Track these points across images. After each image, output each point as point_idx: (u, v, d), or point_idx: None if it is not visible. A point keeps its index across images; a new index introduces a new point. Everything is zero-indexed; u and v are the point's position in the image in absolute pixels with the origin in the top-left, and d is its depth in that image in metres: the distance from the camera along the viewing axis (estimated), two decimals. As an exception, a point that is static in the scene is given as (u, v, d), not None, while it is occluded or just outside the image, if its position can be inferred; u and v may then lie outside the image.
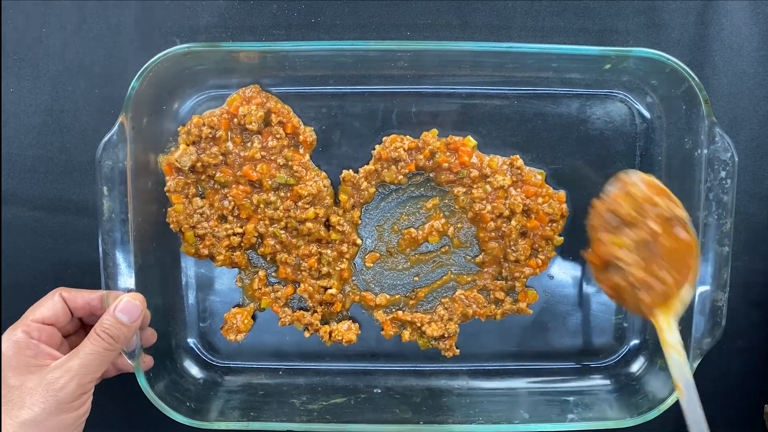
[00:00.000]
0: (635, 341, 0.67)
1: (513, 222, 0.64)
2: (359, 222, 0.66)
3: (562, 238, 0.65)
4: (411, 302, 0.67)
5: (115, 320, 0.54)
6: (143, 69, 0.57)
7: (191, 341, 0.68)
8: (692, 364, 0.58)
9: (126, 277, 0.58)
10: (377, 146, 0.64)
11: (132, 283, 0.58)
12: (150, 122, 0.61)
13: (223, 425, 0.60)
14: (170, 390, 0.62)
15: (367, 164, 0.64)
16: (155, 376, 0.61)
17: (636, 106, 0.64)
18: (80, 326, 0.61)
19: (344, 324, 0.67)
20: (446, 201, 0.66)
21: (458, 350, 0.67)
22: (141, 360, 0.58)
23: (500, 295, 0.66)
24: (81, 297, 0.57)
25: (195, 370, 0.67)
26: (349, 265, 0.66)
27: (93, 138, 0.64)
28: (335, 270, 0.65)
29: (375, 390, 0.67)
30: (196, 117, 0.62)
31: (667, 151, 0.63)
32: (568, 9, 0.65)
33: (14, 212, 0.67)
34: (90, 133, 0.65)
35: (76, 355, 0.52)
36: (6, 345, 0.53)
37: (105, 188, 0.57)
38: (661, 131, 0.64)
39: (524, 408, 0.64)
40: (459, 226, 0.66)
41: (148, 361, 0.61)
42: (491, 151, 0.64)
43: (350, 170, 0.64)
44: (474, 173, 0.63)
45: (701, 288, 0.58)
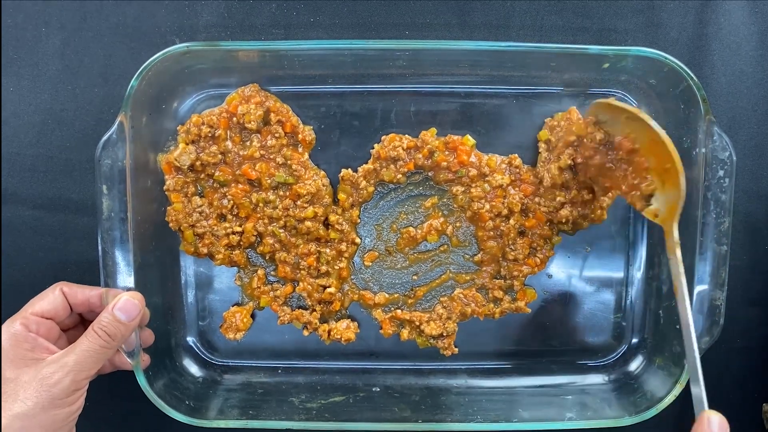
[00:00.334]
0: (634, 340, 0.67)
1: (511, 221, 0.64)
2: (358, 221, 0.66)
3: (561, 237, 0.65)
4: (410, 301, 0.67)
5: (114, 318, 0.54)
6: (142, 68, 0.57)
7: (190, 340, 0.68)
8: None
9: (125, 276, 0.58)
10: (376, 145, 0.64)
11: (131, 282, 0.58)
12: (149, 121, 0.61)
13: (222, 423, 0.61)
14: (169, 388, 0.62)
15: (366, 163, 0.64)
16: (154, 375, 0.61)
17: (635, 105, 0.64)
18: (80, 321, 0.61)
19: (343, 323, 0.67)
20: (445, 200, 0.66)
21: (457, 349, 0.67)
22: (140, 359, 0.58)
23: (499, 294, 0.66)
24: (81, 293, 0.57)
25: (194, 369, 0.68)
26: (348, 264, 0.66)
27: (93, 137, 0.64)
28: (334, 269, 0.65)
29: (374, 389, 0.67)
30: (196, 116, 0.62)
31: (666, 150, 0.63)
32: (567, 8, 0.65)
33: (14, 211, 0.67)
34: (90, 132, 0.66)
35: (72, 352, 0.53)
36: (4, 337, 0.53)
37: (104, 187, 0.57)
38: (660, 130, 0.64)
39: (523, 407, 0.64)
40: (458, 225, 0.66)
41: (146, 360, 0.61)
42: (490, 150, 0.65)
43: (349, 169, 0.64)
44: (472, 172, 0.63)
45: (699, 287, 0.58)
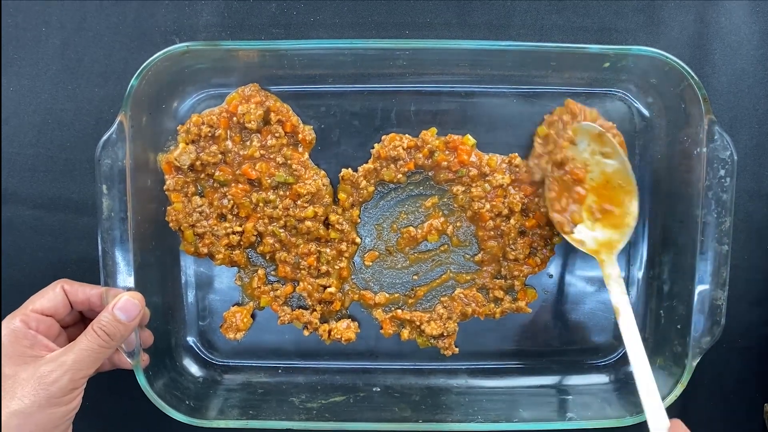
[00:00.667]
0: (634, 340, 0.67)
1: (512, 221, 0.64)
2: (358, 221, 0.66)
3: (561, 238, 0.65)
4: (410, 301, 0.67)
5: (113, 318, 0.54)
6: (142, 67, 0.57)
7: (191, 340, 0.68)
8: (691, 363, 0.58)
9: (125, 276, 0.58)
10: (376, 145, 0.64)
11: (131, 282, 0.58)
12: (149, 121, 0.61)
13: (222, 423, 0.61)
14: (170, 388, 0.62)
15: (366, 163, 0.64)
16: (155, 375, 0.61)
17: (635, 105, 0.64)
18: (80, 319, 0.61)
19: (343, 322, 0.67)
20: (445, 200, 0.66)
21: (457, 349, 0.67)
22: (140, 358, 0.58)
23: (499, 294, 0.66)
24: (82, 291, 0.57)
25: (194, 369, 0.67)
26: (349, 264, 0.66)
27: (93, 137, 0.64)
28: (334, 268, 0.65)
29: (374, 388, 0.67)
30: (196, 116, 0.62)
31: (667, 150, 0.63)
32: (568, 7, 0.65)
33: (14, 211, 0.67)
34: (90, 132, 0.66)
35: (71, 350, 0.53)
36: (3, 333, 0.53)
37: (104, 187, 0.57)
38: (661, 129, 0.64)
39: (523, 407, 0.64)
40: (458, 225, 0.66)
41: (146, 359, 0.61)
42: (490, 150, 0.64)
43: (349, 169, 0.64)
44: (473, 172, 0.63)
45: (700, 287, 0.58)
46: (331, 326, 0.66)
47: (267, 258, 0.66)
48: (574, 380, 0.67)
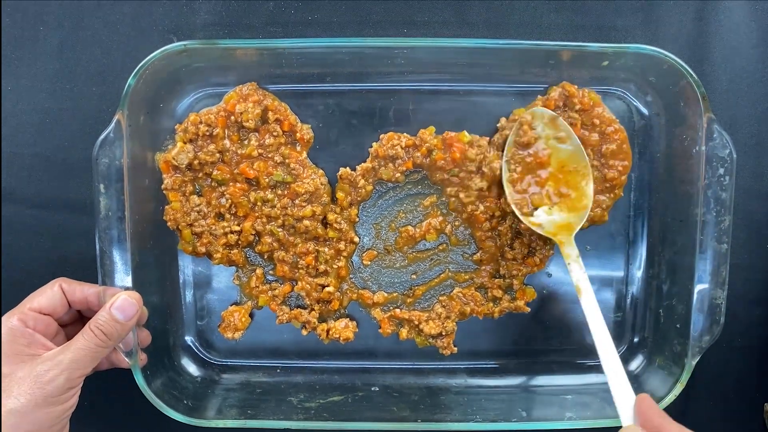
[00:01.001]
0: (634, 339, 0.67)
1: (507, 221, 0.64)
2: (356, 220, 0.66)
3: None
4: (408, 300, 0.67)
5: (110, 317, 0.54)
6: (140, 66, 0.57)
7: (189, 339, 0.68)
8: (691, 363, 0.58)
9: (123, 275, 0.57)
10: (374, 144, 0.64)
11: (129, 281, 0.58)
12: (147, 120, 0.61)
13: (221, 423, 0.60)
14: (168, 388, 0.62)
15: (365, 162, 0.64)
16: (152, 374, 0.61)
17: (634, 103, 0.64)
18: (78, 317, 0.61)
19: (342, 322, 0.66)
20: (444, 198, 0.66)
21: (456, 348, 0.67)
22: (138, 358, 0.58)
23: (498, 293, 0.66)
24: (80, 290, 0.57)
25: (192, 368, 0.67)
26: (347, 263, 0.66)
27: (90, 136, 0.64)
28: (332, 268, 0.65)
29: (373, 388, 0.67)
30: (193, 115, 0.62)
31: (666, 148, 0.63)
32: (566, 6, 0.65)
33: (12, 210, 0.67)
34: (88, 131, 0.65)
35: (68, 349, 0.52)
36: (1, 331, 0.53)
37: (102, 186, 0.57)
38: (660, 128, 0.64)
39: (522, 406, 0.64)
40: (456, 224, 0.66)
41: (143, 359, 0.60)
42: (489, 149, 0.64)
43: (347, 168, 0.64)
44: (470, 167, 0.63)
45: (700, 286, 0.58)
46: (330, 325, 0.66)
47: (265, 257, 0.66)
48: (574, 380, 0.67)
